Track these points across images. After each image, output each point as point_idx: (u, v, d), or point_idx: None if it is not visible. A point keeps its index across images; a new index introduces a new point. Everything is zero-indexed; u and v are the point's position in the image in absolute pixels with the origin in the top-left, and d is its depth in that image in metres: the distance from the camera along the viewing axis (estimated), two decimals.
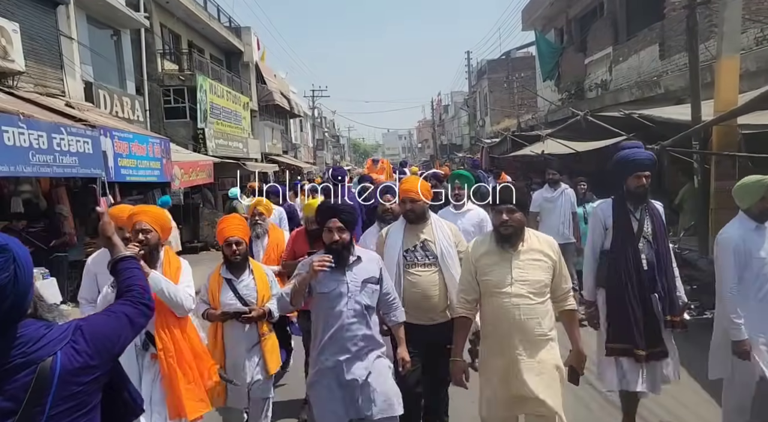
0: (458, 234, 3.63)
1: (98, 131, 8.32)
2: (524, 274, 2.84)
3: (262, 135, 23.95)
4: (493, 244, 2.92)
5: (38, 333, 1.44)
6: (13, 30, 8.41)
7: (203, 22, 18.77)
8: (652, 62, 11.99)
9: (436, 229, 3.50)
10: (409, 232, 3.50)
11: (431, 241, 3.45)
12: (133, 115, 13.12)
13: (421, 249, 3.44)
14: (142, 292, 1.79)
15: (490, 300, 2.91)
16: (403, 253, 3.44)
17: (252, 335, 3.59)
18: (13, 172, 6.27)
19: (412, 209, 3.48)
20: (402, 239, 3.47)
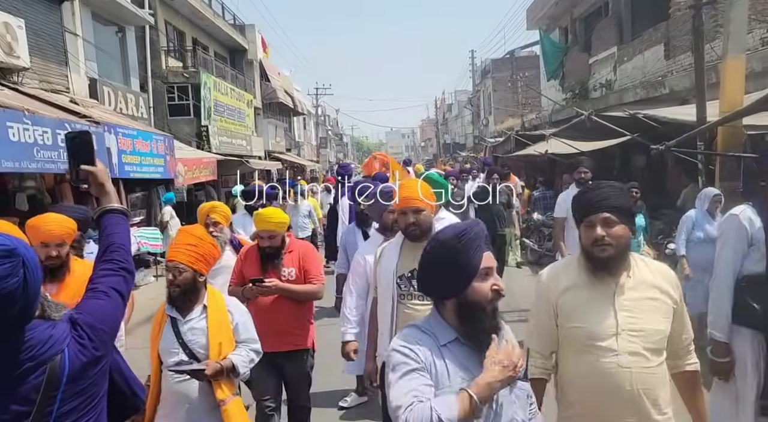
0: None
1: (102, 128, 8.35)
2: (636, 320, 1.94)
3: (266, 132, 23.98)
4: (583, 273, 2.03)
5: (46, 334, 1.42)
6: (18, 26, 8.43)
7: (208, 19, 18.79)
8: (657, 62, 11.96)
9: None
10: (407, 252, 2.72)
11: None
12: (137, 112, 13.15)
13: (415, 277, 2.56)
14: (124, 254, 1.66)
15: (581, 359, 2.00)
16: (396, 281, 2.71)
17: (202, 400, 2.53)
18: (18, 167, 6.30)
19: (416, 223, 2.70)
20: (397, 262, 2.73)
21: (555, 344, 2.10)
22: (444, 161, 31.10)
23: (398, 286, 2.71)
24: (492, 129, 28.73)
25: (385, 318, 2.77)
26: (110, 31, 13.00)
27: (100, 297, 1.56)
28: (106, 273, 1.61)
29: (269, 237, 3.42)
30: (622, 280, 1.98)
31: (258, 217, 3.45)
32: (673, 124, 6.87)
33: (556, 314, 2.06)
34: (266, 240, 3.43)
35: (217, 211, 3.89)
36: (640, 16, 13.80)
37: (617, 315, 1.94)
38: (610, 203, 1.97)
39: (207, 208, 3.90)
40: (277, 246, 3.44)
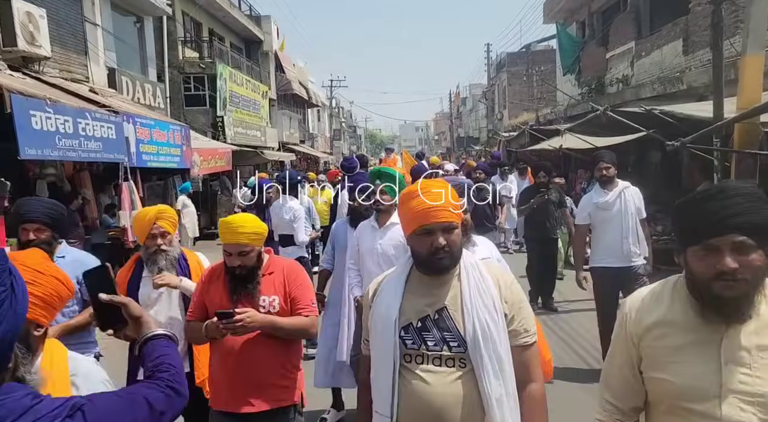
0: (513, 288, 1.86)
1: (121, 117, 8.47)
2: (753, 380, 1.39)
3: (280, 124, 24.11)
4: (681, 307, 1.48)
5: (22, 404, 1.02)
6: (40, 16, 8.57)
7: (224, 10, 18.90)
8: (676, 58, 11.84)
9: (467, 282, 1.78)
10: (418, 290, 1.81)
11: (454, 310, 1.76)
12: (154, 102, 13.30)
13: (435, 328, 1.75)
14: (175, 374, 1.36)
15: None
16: (400, 334, 1.77)
17: None
18: (40, 155, 6.44)
19: (448, 246, 1.77)
20: (400, 304, 1.79)
21: (637, 397, 1.58)
22: (458, 155, 31.02)
23: (402, 342, 1.75)
24: (506, 123, 28.59)
25: (381, 390, 1.79)
26: (129, 21, 13.15)
27: (123, 397, 1.23)
28: (146, 385, 1.32)
29: (239, 253, 2.51)
30: (738, 322, 1.40)
31: (223, 226, 2.55)
32: (689, 121, 6.83)
33: (639, 358, 1.54)
34: (235, 258, 2.52)
35: (165, 218, 2.98)
36: (658, 10, 13.65)
37: (723, 369, 1.39)
38: (749, 220, 1.35)
39: (153, 214, 2.96)
40: (251, 265, 2.55)
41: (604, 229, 4.72)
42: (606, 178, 4.72)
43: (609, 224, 4.67)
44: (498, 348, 1.71)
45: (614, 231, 4.63)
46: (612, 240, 4.65)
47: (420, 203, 1.79)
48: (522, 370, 1.78)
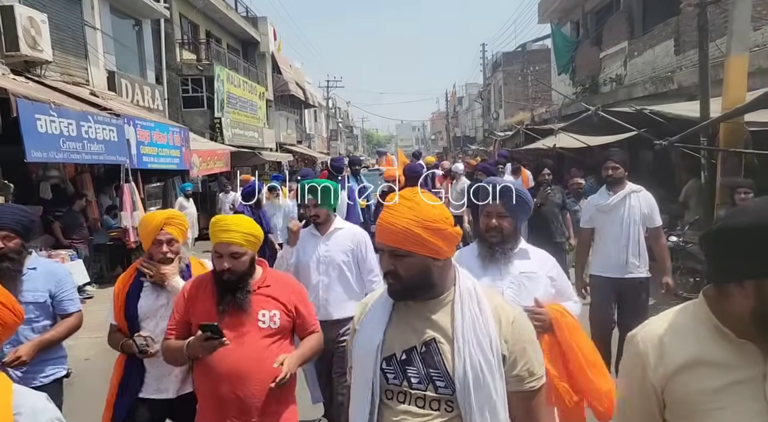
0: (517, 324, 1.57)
1: (122, 120, 8.62)
2: None
3: (277, 125, 24.23)
4: (724, 345, 1.25)
5: None
6: (42, 20, 8.71)
7: (221, 11, 19.02)
8: (667, 57, 12.03)
9: (461, 313, 1.54)
10: (406, 316, 1.58)
11: (443, 345, 1.52)
12: (153, 104, 13.43)
13: (421, 363, 1.52)
14: None
15: None
16: (382, 365, 1.55)
17: None
18: (45, 157, 6.59)
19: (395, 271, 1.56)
20: (384, 330, 1.57)
21: None
22: (455, 155, 31.20)
23: (383, 376, 1.54)
24: (502, 122, 28.79)
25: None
26: (127, 25, 13.28)
27: None
28: None
29: (231, 255, 2.25)
30: None
31: (215, 225, 2.30)
32: (678, 120, 7.01)
33: (663, 406, 1.29)
34: (226, 260, 2.25)
35: (173, 223, 2.70)
36: (651, 10, 13.84)
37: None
38: None
39: (161, 219, 2.68)
40: (242, 271, 2.28)
41: (604, 235, 4.26)
42: (612, 179, 4.19)
43: (609, 229, 4.20)
44: (492, 395, 1.46)
45: (613, 238, 4.16)
46: (610, 248, 4.17)
47: (382, 218, 1.56)
48: (526, 420, 1.55)
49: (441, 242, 1.51)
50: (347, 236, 3.49)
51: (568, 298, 2.49)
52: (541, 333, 2.22)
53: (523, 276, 2.37)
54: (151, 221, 2.71)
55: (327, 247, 3.45)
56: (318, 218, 3.46)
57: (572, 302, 2.49)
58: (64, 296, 2.82)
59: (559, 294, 2.45)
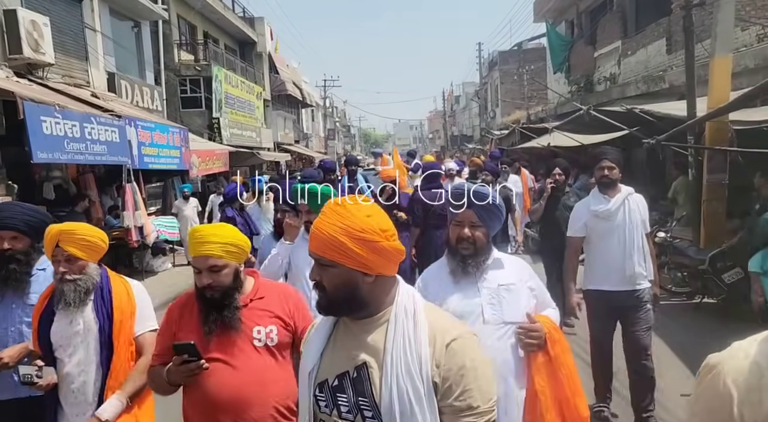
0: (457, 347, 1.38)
1: (124, 121, 8.77)
2: None
3: (275, 124, 24.38)
4: None
5: None
6: (44, 24, 8.85)
7: (218, 12, 19.15)
8: (659, 57, 12.23)
9: (393, 334, 1.40)
10: (344, 338, 1.47)
11: (373, 370, 1.39)
12: (152, 105, 13.57)
13: (352, 389, 1.41)
14: None
15: None
16: (315, 392, 1.46)
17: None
18: (51, 158, 6.75)
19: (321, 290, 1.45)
20: (320, 355, 1.48)
21: None
22: (452, 154, 31.38)
23: (316, 402, 1.45)
24: (499, 121, 28.98)
25: None
26: (126, 26, 13.42)
27: None
28: None
29: (210, 269, 2.00)
30: None
31: (191, 237, 2.06)
32: (667, 119, 7.20)
33: None
34: (205, 276, 2.01)
35: (72, 240, 2.32)
36: (643, 10, 14.04)
37: None
38: None
39: (53, 234, 2.32)
40: (225, 286, 2.03)
41: (604, 244, 3.77)
42: (607, 181, 3.74)
43: (610, 238, 3.73)
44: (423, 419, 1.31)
45: (616, 246, 3.70)
46: (613, 259, 3.71)
47: (314, 223, 1.47)
48: None
49: (371, 255, 1.34)
50: None
51: (547, 306, 2.32)
52: (535, 351, 2.09)
53: (502, 289, 2.15)
54: (45, 236, 2.35)
55: None
56: (311, 224, 3.17)
57: (551, 309, 2.31)
58: None
59: (540, 303, 2.26)
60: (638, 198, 3.82)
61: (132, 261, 9.64)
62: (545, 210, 5.64)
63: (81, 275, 2.36)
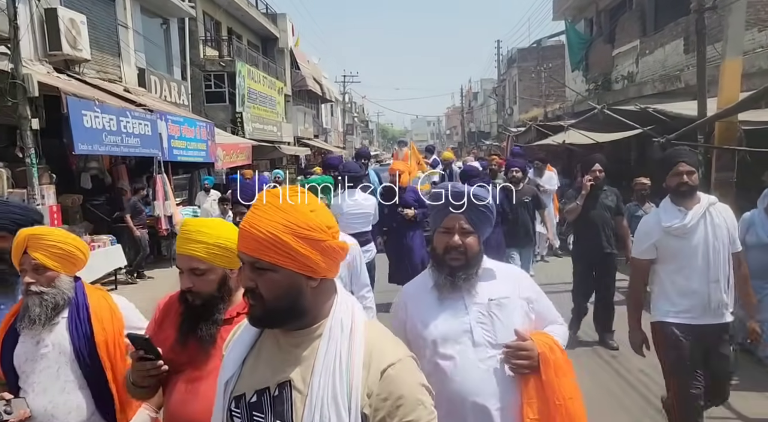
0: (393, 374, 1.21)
1: (155, 115, 9.21)
2: None
3: (295, 119, 24.80)
4: None
5: None
6: (81, 21, 9.31)
7: (242, 9, 19.59)
8: (677, 56, 12.34)
9: (324, 353, 1.23)
10: (268, 350, 1.31)
11: (297, 391, 1.23)
12: (179, 99, 14.05)
13: (270, 409, 1.24)
14: None
15: None
16: (230, 406, 1.30)
17: None
18: (90, 150, 7.19)
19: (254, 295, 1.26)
20: (240, 365, 1.32)
21: None
22: (469, 150, 31.53)
23: (230, 417, 1.30)
24: (516, 118, 29.08)
25: None
26: (156, 23, 13.90)
27: None
28: None
29: (191, 270, 1.74)
30: None
31: (180, 230, 1.84)
32: (679, 119, 7.40)
33: None
34: (186, 278, 1.77)
35: (41, 246, 2.05)
36: (662, 9, 14.12)
37: None
38: None
39: (21, 239, 2.06)
40: (207, 293, 1.77)
41: (681, 267, 3.06)
42: (687, 189, 2.98)
43: (688, 260, 3.03)
44: None
45: (698, 271, 3.01)
46: (693, 286, 3.02)
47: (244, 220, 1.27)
48: None
49: (317, 255, 1.20)
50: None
51: (552, 321, 1.98)
52: (527, 375, 1.77)
53: (493, 305, 1.84)
54: (15, 240, 2.08)
55: None
56: None
57: (557, 325, 1.98)
58: None
59: (541, 318, 1.94)
60: (722, 208, 3.07)
61: (161, 249, 10.11)
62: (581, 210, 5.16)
63: (49, 288, 2.05)
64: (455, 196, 1.88)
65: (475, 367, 1.78)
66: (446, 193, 1.89)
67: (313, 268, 1.21)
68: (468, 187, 1.92)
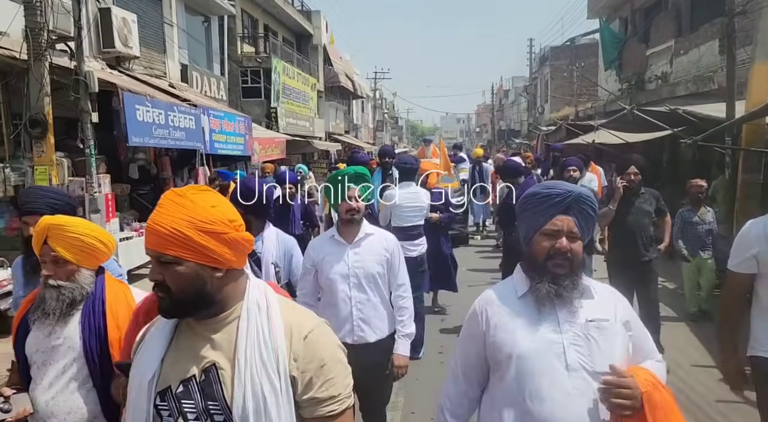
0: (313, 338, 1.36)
1: (199, 110, 9.70)
2: None
3: (327, 115, 25.26)
4: None
5: None
6: (132, 20, 9.85)
7: (278, 6, 20.09)
8: (712, 57, 12.29)
9: (245, 331, 1.33)
10: (188, 341, 1.37)
11: (223, 371, 1.32)
12: (218, 94, 14.60)
13: (199, 394, 1.31)
14: None
15: None
16: (155, 401, 1.33)
17: None
18: (142, 142, 7.69)
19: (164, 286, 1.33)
20: (160, 362, 1.35)
21: None
22: (498, 148, 31.54)
23: (157, 412, 1.33)
24: (547, 117, 28.97)
25: None
26: (198, 21, 14.47)
27: None
28: None
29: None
30: None
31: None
32: (709, 120, 7.51)
33: None
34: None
35: (60, 237, 1.98)
36: (698, 10, 14.02)
37: None
38: None
39: (41, 228, 1.99)
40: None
41: None
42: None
43: None
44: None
45: None
46: None
47: (150, 218, 1.32)
48: None
49: (221, 248, 1.28)
50: (380, 243, 2.99)
51: (648, 356, 1.74)
52: (627, 417, 1.51)
53: (593, 327, 1.63)
54: (36, 228, 2.03)
55: (358, 257, 2.93)
56: (357, 214, 2.91)
57: (655, 361, 1.74)
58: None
59: (638, 349, 1.71)
60: None
61: None
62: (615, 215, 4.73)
63: (67, 282, 2.00)
64: (561, 195, 1.67)
65: (567, 394, 1.56)
66: (551, 192, 1.69)
67: (217, 259, 1.29)
68: (574, 186, 1.73)
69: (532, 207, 1.71)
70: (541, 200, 1.68)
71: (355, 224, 2.96)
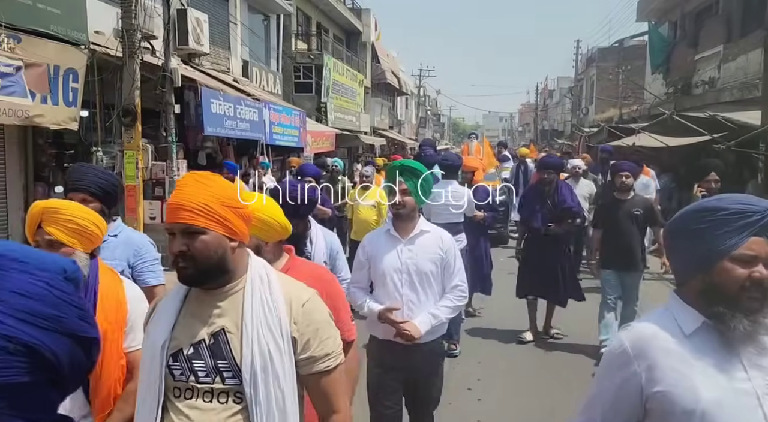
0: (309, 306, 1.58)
1: (262, 104, 10.55)
2: None
3: (372, 110, 25.98)
4: None
5: None
6: (204, 20, 10.75)
7: (331, 4, 20.90)
8: (758, 64, 12.37)
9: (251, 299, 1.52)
10: (196, 309, 1.54)
11: (232, 334, 1.50)
12: (274, 89, 15.49)
13: (209, 355, 1.49)
14: None
15: None
16: (168, 363, 1.50)
17: None
18: (215, 132, 8.57)
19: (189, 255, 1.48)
20: (173, 326, 1.52)
21: None
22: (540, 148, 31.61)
23: (170, 373, 1.49)
24: (591, 118, 28.93)
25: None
26: (258, 19, 15.40)
27: None
28: None
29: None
30: None
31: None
32: (747, 127, 7.83)
33: None
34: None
35: (56, 220, 1.97)
36: (749, 15, 14.03)
37: None
38: None
39: (37, 211, 1.99)
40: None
41: None
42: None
43: None
44: (281, 381, 1.46)
45: None
46: None
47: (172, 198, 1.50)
48: (323, 400, 1.56)
49: (238, 220, 1.50)
50: (435, 241, 2.96)
51: None
52: None
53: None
54: (29, 212, 2.02)
55: (411, 253, 2.91)
56: (402, 208, 2.88)
57: None
58: (144, 267, 2.63)
59: None
60: None
61: None
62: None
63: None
64: (761, 213, 1.34)
65: None
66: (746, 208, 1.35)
67: (234, 231, 1.49)
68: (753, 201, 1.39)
69: (714, 225, 1.36)
70: (730, 217, 1.34)
71: (408, 219, 2.93)
